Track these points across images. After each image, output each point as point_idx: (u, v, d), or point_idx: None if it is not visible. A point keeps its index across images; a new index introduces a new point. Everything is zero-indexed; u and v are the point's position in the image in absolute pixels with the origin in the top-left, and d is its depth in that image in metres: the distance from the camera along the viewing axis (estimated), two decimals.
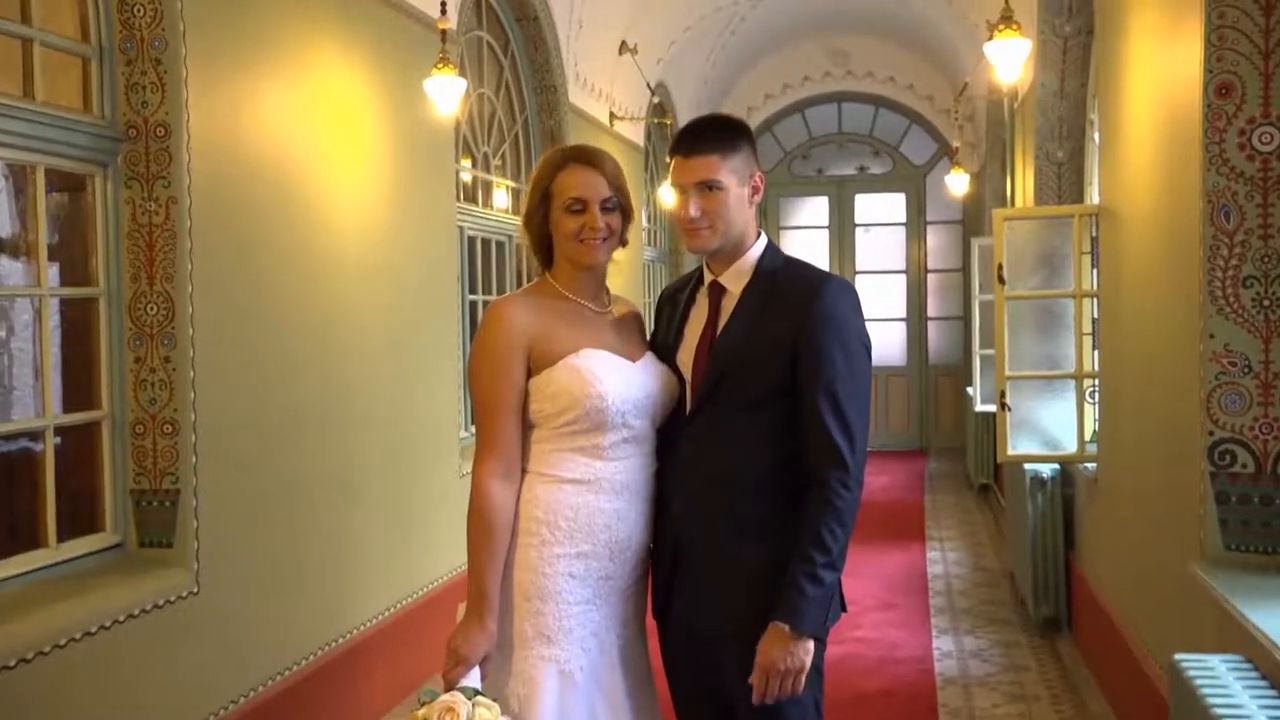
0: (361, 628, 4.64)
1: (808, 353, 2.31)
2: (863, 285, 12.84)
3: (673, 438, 2.46)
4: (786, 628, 2.24)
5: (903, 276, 12.89)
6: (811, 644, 2.26)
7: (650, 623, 2.53)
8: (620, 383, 2.38)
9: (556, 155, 2.47)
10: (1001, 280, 5.45)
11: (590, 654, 2.36)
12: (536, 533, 2.34)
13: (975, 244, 8.31)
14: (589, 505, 2.37)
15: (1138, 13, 4.17)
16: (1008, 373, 5.47)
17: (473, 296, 6.20)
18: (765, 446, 2.34)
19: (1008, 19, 5.18)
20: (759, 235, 2.48)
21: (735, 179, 2.39)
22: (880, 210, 12.91)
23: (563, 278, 2.47)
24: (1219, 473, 3.14)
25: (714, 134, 2.42)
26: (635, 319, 2.60)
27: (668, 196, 9.63)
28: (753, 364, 2.36)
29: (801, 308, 2.34)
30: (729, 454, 2.37)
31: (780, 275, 2.42)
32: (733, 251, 2.44)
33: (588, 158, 2.46)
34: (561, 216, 2.43)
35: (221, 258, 3.72)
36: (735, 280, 2.44)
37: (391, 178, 5.01)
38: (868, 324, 2.41)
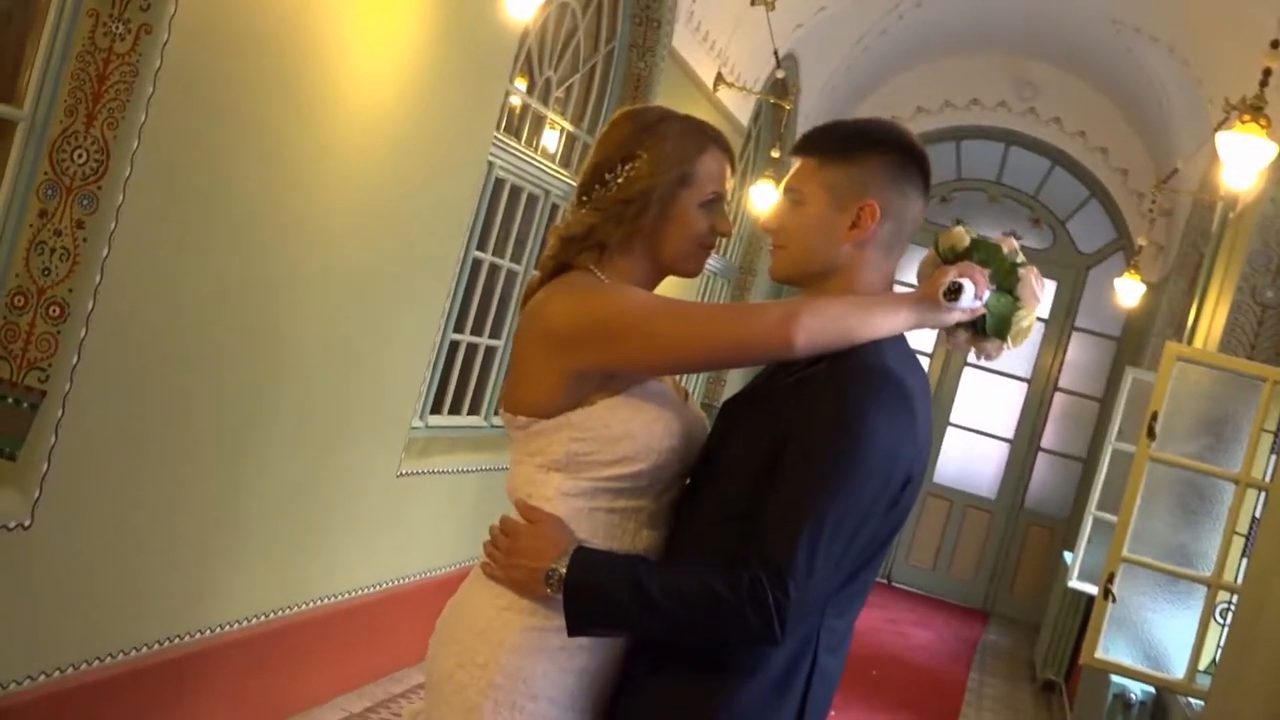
0: (214, 631, 4.63)
1: (787, 461, 2.18)
2: (967, 385, 12.88)
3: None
4: (569, 548, 2.25)
5: (1023, 386, 12.87)
6: (555, 568, 2.22)
7: None
8: (684, 429, 2.37)
9: (694, 131, 2.45)
10: (1151, 434, 5.43)
11: None
12: (555, 616, 2.28)
13: (1130, 374, 8.30)
14: None
15: None
16: (1125, 552, 5.45)
17: (479, 254, 6.21)
18: None
19: (1256, 110, 5.17)
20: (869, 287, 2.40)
21: (828, 196, 2.33)
22: None
23: (628, 280, 2.42)
24: None
25: (826, 136, 2.40)
26: None
27: (760, 200, 9.68)
28: (732, 458, 2.31)
29: (808, 403, 2.20)
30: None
31: (847, 350, 2.27)
32: (814, 294, 2.36)
33: (729, 146, 2.48)
34: (694, 211, 2.43)
35: (187, 118, 3.74)
36: None
37: (426, 77, 5.04)
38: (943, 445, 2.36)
